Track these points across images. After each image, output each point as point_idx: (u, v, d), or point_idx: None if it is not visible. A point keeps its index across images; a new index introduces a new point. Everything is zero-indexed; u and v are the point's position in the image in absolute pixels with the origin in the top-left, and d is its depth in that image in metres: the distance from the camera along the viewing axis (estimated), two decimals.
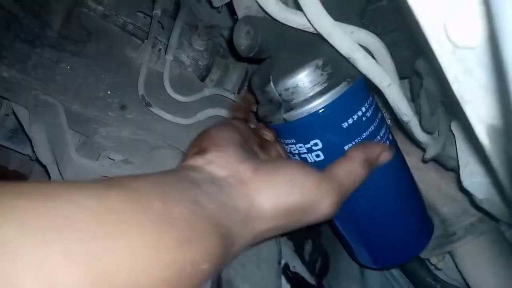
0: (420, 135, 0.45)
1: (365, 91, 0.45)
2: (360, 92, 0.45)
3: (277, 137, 0.49)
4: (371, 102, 0.45)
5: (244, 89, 0.69)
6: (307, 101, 0.43)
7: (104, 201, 0.23)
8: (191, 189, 0.30)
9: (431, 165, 0.58)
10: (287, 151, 0.47)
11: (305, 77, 0.43)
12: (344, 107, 0.43)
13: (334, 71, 0.43)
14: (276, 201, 0.33)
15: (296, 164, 0.38)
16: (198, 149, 0.36)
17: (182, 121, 0.62)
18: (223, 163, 0.34)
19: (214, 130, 0.39)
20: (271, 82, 0.44)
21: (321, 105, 0.42)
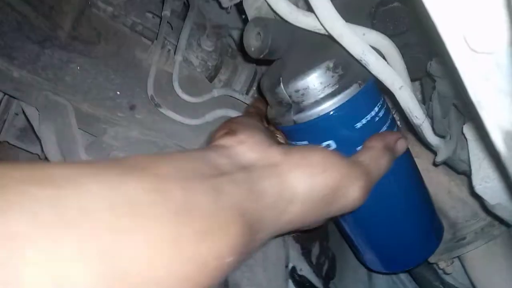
0: (431, 138, 0.45)
1: (377, 92, 0.45)
2: (371, 93, 0.44)
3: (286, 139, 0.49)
4: (383, 102, 0.45)
5: (253, 94, 0.69)
6: (318, 103, 0.42)
7: (121, 190, 0.22)
8: (216, 176, 0.28)
9: (441, 167, 0.58)
10: None
11: (315, 78, 0.42)
12: (356, 108, 0.43)
13: (345, 72, 0.42)
14: (309, 182, 0.32)
15: (325, 148, 0.37)
16: (228, 130, 0.35)
17: (190, 122, 0.62)
18: (253, 145, 0.33)
19: (241, 117, 0.39)
20: (281, 83, 0.43)
21: (332, 106, 0.42)
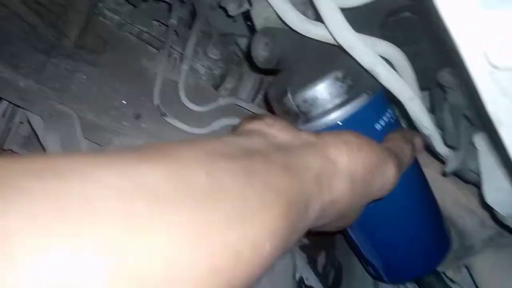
0: (441, 148, 0.44)
1: (386, 102, 0.45)
2: (380, 103, 0.44)
3: None
4: (392, 112, 0.45)
5: (259, 102, 0.69)
6: (326, 113, 0.42)
7: (135, 177, 0.19)
8: (248, 156, 0.25)
9: (449, 176, 0.57)
10: None
11: (324, 89, 0.42)
12: (364, 118, 0.43)
13: (354, 82, 0.42)
14: (348, 158, 0.30)
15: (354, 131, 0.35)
16: (253, 116, 0.32)
17: (196, 131, 0.61)
18: (284, 128, 0.31)
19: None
20: (289, 93, 0.43)
21: (341, 117, 0.42)
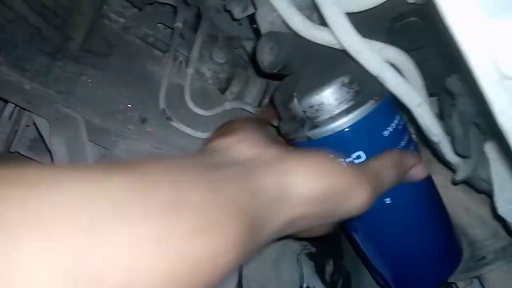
0: (450, 156, 0.43)
1: (393, 108, 0.44)
2: (388, 109, 0.43)
3: None
4: (400, 119, 0.44)
5: (265, 102, 0.68)
6: (333, 119, 0.41)
7: (103, 188, 0.20)
8: (210, 172, 0.26)
9: (459, 185, 0.56)
10: None
11: (330, 94, 0.41)
12: (372, 125, 0.42)
13: (360, 88, 0.41)
14: (310, 182, 0.30)
15: (327, 154, 0.34)
16: (225, 130, 0.34)
17: (202, 135, 0.61)
18: (252, 143, 0.32)
19: (240, 119, 0.38)
20: (295, 99, 0.42)
21: (347, 123, 0.41)
